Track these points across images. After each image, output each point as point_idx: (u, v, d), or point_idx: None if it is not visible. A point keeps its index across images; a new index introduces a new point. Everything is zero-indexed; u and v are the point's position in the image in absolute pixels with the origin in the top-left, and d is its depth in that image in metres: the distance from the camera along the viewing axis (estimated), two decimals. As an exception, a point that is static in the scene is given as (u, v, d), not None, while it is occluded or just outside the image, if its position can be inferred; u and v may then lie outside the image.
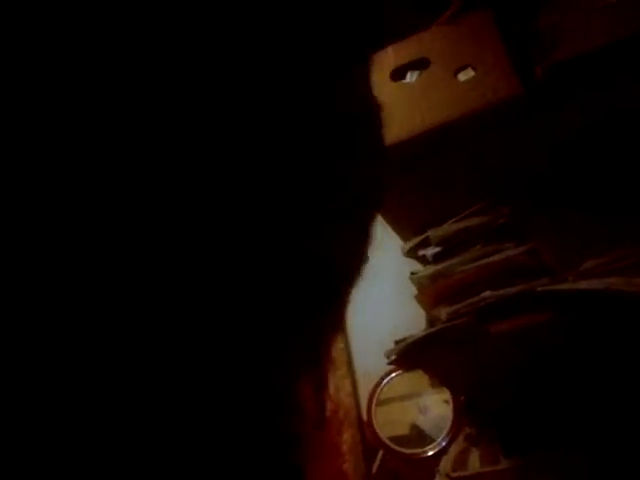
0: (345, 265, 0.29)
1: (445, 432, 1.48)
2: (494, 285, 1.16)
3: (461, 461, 1.46)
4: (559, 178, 1.17)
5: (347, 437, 1.59)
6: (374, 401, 1.58)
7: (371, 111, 0.30)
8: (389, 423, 1.56)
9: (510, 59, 1.00)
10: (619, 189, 1.15)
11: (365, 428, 1.58)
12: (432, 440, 1.50)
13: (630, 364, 1.15)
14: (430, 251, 1.27)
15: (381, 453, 1.54)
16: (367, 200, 0.30)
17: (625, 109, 1.03)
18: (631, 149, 1.12)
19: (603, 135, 1.07)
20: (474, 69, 1.05)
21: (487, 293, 1.16)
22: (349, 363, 1.65)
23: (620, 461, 1.18)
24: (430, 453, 1.49)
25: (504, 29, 1.02)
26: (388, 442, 1.54)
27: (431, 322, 1.26)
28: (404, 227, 1.35)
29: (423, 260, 1.30)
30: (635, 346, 1.12)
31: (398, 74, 1.13)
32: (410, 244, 1.32)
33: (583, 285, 1.07)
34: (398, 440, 1.53)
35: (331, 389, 1.63)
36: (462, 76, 1.06)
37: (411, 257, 1.34)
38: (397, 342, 1.27)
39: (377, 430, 1.56)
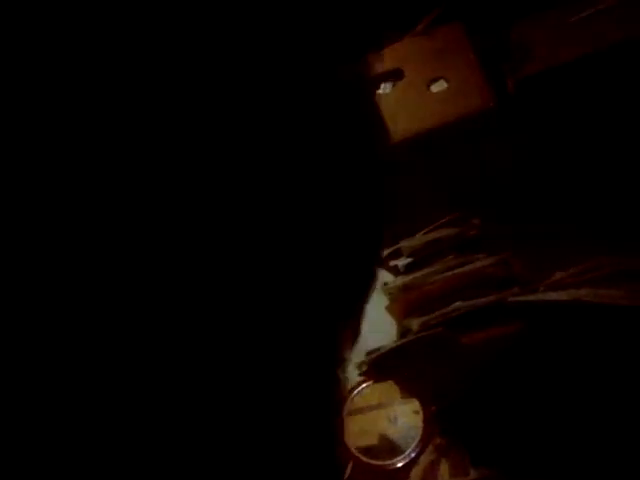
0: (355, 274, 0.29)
1: (415, 443, 1.48)
2: (465, 296, 1.17)
3: (431, 472, 1.46)
4: (529, 189, 1.18)
5: (317, 448, 1.58)
6: (344, 412, 1.58)
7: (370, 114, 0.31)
8: (359, 434, 1.56)
9: (483, 71, 1.02)
10: (590, 200, 1.16)
11: (335, 439, 1.58)
12: (402, 451, 1.50)
13: (599, 375, 1.16)
14: (402, 262, 1.28)
15: (351, 464, 1.54)
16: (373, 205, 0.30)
17: (595, 120, 1.04)
18: (602, 160, 1.14)
19: (574, 145, 1.09)
20: (447, 81, 1.06)
21: (458, 304, 1.17)
22: (319, 374, 1.64)
23: (591, 472, 1.19)
24: (400, 464, 1.49)
25: (477, 42, 1.04)
26: (358, 453, 1.53)
27: (403, 333, 1.27)
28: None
29: (395, 271, 1.31)
30: (604, 357, 1.14)
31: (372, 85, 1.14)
32: (382, 254, 1.32)
33: (552, 296, 1.08)
34: (368, 451, 1.53)
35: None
36: (435, 87, 1.07)
37: (383, 267, 1.34)
38: (368, 353, 1.27)
39: (347, 441, 1.55)
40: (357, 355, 1.30)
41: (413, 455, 1.48)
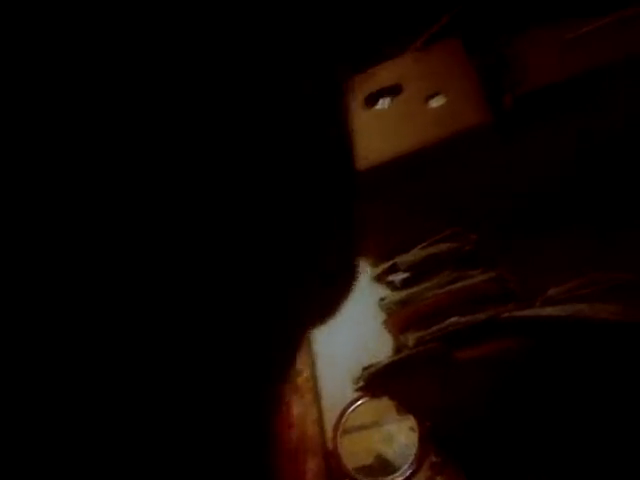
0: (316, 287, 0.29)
1: (410, 460, 1.47)
2: (461, 311, 1.17)
3: (426, 491, 1.45)
4: (526, 205, 1.19)
5: (312, 466, 1.57)
6: (339, 429, 1.57)
7: (344, 137, 0.30)
8: (354, 452, 1.55)
9: (480, 87, 1.03)
10: (585, 215, 1.17)
11: (330, 457, 1.57)
12: (397, 469, 1.49)
13: (596, 390, 1.16)
14: (398, 277, 1.28)
15: (346, 483, 1.53)
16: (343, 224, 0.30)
17: (593, 137, 1.05)
18: (598, 172, 1.15)
19: (571, 161, 1.10)
20: (445, 96, 1.07)
21: (454, 319, 1.17)
22: (315, 391, 1.64)
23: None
24: (395, 483, 1.47)
25: (475, 58, 1.05)
26: (353, 472, 1.52)
27: (398, 348, 1.26)
28: (372, 253, 1.36)
29: (391, 286, 1.31)
30: (600, 372, 1.14)
31: (371, 100, 1.15)
32: (378, 270, 1.32)
33: (548, 312, 1.08)
34: (363, 470, 1.52)
35: (297, 416, 1.61)
36: (433, 103, 1.08)
37: (379, 283, 1.34)
38: (365, 369, 1.27)
39: (342, 459, 1.54)
40: (354, 370, 1.29)
41: (409, 473, 1.47)
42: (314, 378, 1.64)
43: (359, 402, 1.55)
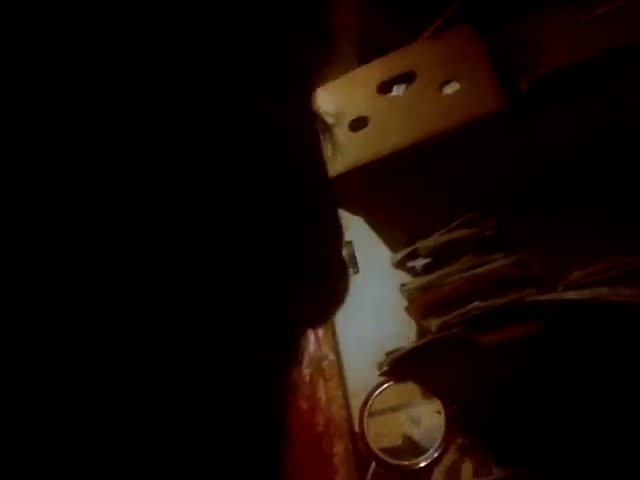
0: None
1: (437, 443, 1.48)
2: (483, 296, 1.17)
3: (454, 472, 1.46)
4: (546, 188, 1.17)
5: (339, 449, 1.58)
6: (366, 412, 1.57)
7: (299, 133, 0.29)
8: (381, 434, 1.56)
9: (495, 72, 1.01)
10: (607, 196, 1.15)
11: (357, 440, 1.58)
12: (424, 451, 1.49)
13: (620, 373, 1.15)
14: (419, 262, 1.28)
15: (373, 465, 1.54)
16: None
17: (611, 119, 1.03)
18: (619, 156, 1.13)
19: (589, 143, 1.08)
20: (459, 82, 1.06)
21: (476, 304, 1.16)
22: (340, 375, 1.64)
23: (612, 471, 1.18)
24: (422, 464, 1.48)
25: (489, 43, 1.03)
26: (380, 454, 1.53)
27: (421, 333, 1.27)
28: (393, 239, 1.35)
29: (412, 271, 1.31)
30: (624, 355, 1.13)
31: (385, 87, 1.14)
32: (399, 256, 1.32)
33: (571, 295, 1.07)
34: (390, 451, 1.53)
35: (323, 400, 1.62)
36: (447, 89, 1.07)
37: (400, 269, 1.34)
38: (388, 354, 1.27)
39: (369, 442, 1.55)
40: (377, 355, 1.30)
41: (436, 455, 1.47)
42: (339, 362, 1.65)
43: (385, 385, 1.56)
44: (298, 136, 0.27)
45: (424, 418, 1.52)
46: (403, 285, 1.29)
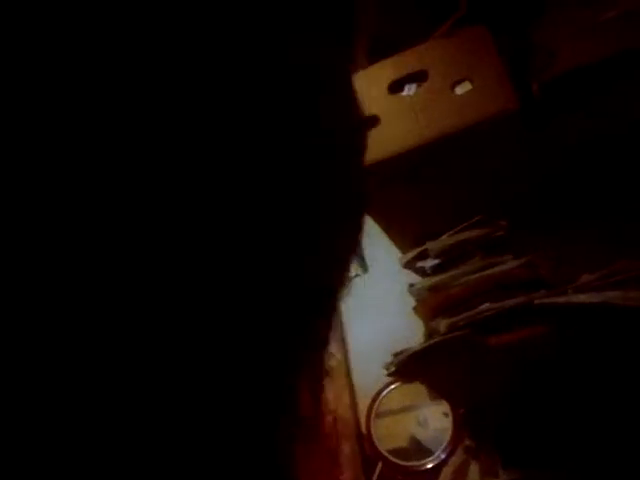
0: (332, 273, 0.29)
1: (444, 445, 1.48)
2: (492, 298, 1.16)
3: (460, 474, 1.46)
4: (555, 191, 1.17)
5: (346, 449, 1.58)
6: (373, 413, 1.57)
7: (354, 128, 0.29)
8: (388, 435, 1.56)
9: (507, 73, 1.01)
10: (617, 200, 1.15)
11: (364, 440, 1.58)
12: (431, 453, 1.49)
13: (628, 378, 1.14)
14: (428, 263, 1.27)
15: (380, 466, 1.54)
16: (350, 214, 0.30)
17: (620, 121, 1.03)
18: (630, 158, 1.12)
19: (601, 146, 1.07)
20: (471, 82, 1.05)
21: (485, 306, 1.16)
22: (348, 375, 1.64)
23: (619, 475, 1.18)
24: (429, 466, 1.48)
25: (501, 43, 1.02)
26: (387, 454, 1.53)
27: (430, 334, 1.26)
28: (402, 239, 1.35)
29: (421, 272, 1.30)
30: (633, 359, 1.12)
31: (396, 87, 1.14)
32: (408, 256, 1.32)
33: (581, 298, 1.07)
34: (397, 453, 1.53)
35: (330, 401, 1.62)
36: (459, 89, 1.06)
37: (409, 269, 1.33)
38: (396, 354, 1.27)
39: (376, 442, 1.55)
40: (385, 356, 1.29)
41: (443, 457, 1.47)
42: (346, 362, 1.65)
43: (392, 386, 1.56)
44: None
45: (431, 420, 1.52)
46: (412, 285, 1.28)
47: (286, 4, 0.24)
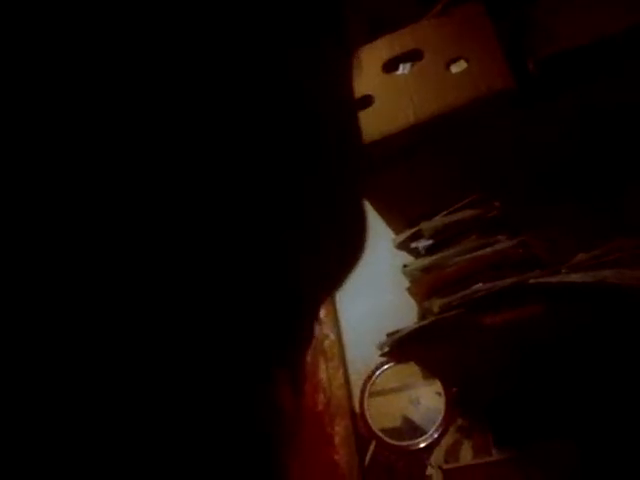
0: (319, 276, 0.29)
1: (437, 424, 1.49)
2: (486, 278, 1.16)
3: (453, 453, 1.47)
4: (552, 169, 1.17)
5: (339, 429, 1.59)
6: (366, 393, 1.58)
7: (344, 111, 0.29)
8: (381, 415, 1.57)
9: (502, 51, 1.00)
10: (612, 179, 1.15)
11: (357, 420, 1.59)
12: (424, 432, 1.50)
13: (622, 356, 1.15)
14: (422, 244, 1.27)
15: (373, 445, 1.55)
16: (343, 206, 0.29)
17: (617, 101, 1.02)
18: (626, 137, 1.12)
19: (598, 124, 1.07)
20: (466, 61, 1.05)
21: (479, 285, 1.16)
22: (341, 355, 1.65)
23: (612, 452, 1.19)
24: (422, 445, 1.49)
25: (496, 21, 1.02)
26: (380, 434, 1.54)
27: (423, 314, 1.26)
28: (396, 220, 1.35)
29: (415, 252, 1.30)
30: (627, 339, 1.13)
31: (391, 66, 1.13)
32: (402, 237, 1.32)
33: (576, 278, 1.07)
34: (390, 432, 1.54)
35: (324, 380, 1.63)
36: (454, 68, 1.06)
37: (403, 249, 1.34)
38: (389, 334, 1.27)
39: (369, 422, 1.56)
40: (378, 336, 1.30)
41: (436, 436, 1.48)
42: (340, 343, 1.66)
43: (385, 366, 1.57)
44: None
45: (424, 399, 1.53)
46: (406, 266, 1.28)
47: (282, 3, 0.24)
